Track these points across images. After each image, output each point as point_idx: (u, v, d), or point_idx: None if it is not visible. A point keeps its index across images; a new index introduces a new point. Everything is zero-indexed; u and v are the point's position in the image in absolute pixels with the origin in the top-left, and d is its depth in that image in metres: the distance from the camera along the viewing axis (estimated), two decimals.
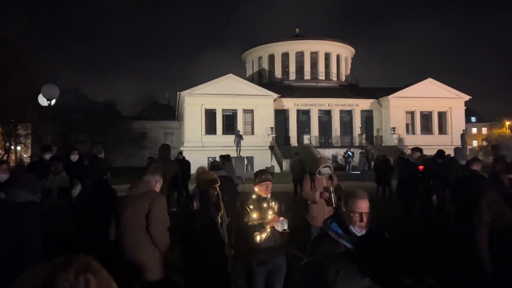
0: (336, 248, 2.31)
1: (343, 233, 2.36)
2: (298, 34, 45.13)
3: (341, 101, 37.45)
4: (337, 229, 2.37)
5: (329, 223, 2.43)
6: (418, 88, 36.31)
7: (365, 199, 2.41)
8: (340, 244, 2.32)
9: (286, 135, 36.30)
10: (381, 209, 9.81)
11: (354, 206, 2.36)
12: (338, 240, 2.33)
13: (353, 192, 2.45)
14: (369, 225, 2.38)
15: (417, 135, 35.87)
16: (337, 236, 2.34)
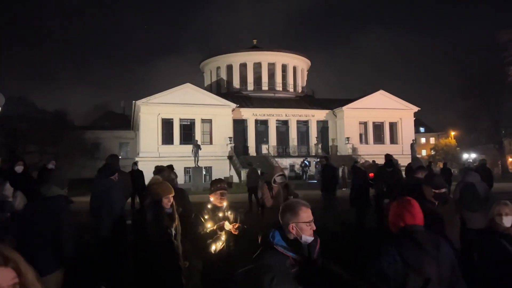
0: (285, 261, 2.29)
1: (288, 245, 2.35)
2: (256, 45, 45.78)
3: (298, 112, 38.23)
4: (282, 242, 2.35)
5: (272, 237, 2.38)
6: (370, 100, 37.82)
7: (309, 207, 2.46)
8: (288, 257, 2.31)
9: (245, 145, 36.45)
10: (337, 217, 10.09)
11: (306, 216, 2.39)
12: (286, 253, 2.31)
13: (300, 202, 2.47)
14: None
15: (370, 144, 37.25)
16: (284, 250, 2.33)
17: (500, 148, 45.09)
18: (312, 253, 2.43)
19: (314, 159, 31.51)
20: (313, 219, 2.42)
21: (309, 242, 2.40)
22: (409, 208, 2.54)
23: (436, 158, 50.63)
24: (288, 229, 2.37)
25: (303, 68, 46.48)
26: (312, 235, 2.40)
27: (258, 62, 42.88)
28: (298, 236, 2.36)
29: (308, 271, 2.35)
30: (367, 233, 8.63)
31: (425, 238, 2.45)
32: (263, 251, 2.37)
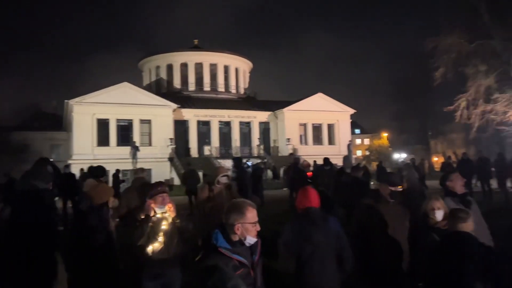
0: (229, 263, 2.25)
1: (232, 247, 2.32)
2: (197, 46, 45.21)
3: (240, 113, 38.33)
4: (225, 244, 2.32)
5: (215, 239, 2.34)
6: (310, 102, 38.93)
7: (256, 208, 2.45)
8: (232, 259, 2.28)
9: (187, 146, 35.80)
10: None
11: (252, 216, 2.37)
12: (230, 256, 2.28)
13: (246, 202, 2.45)
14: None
15: (309, 145, 38.32)
16: (228, 252, 2.29)
17: (427, 148, 48.67)
18: (255, 254, 2.42)
19: (257, 160, 31.74)
20: (258, 220, 2.40)
21: (252, 244, 2.39)
22: (306, 194, 3.36)
23: (370, 158, 53.40)
24: (233, 230, 2.33)
25: (245, 70, 46.73)
26: (256, 236, 2.39)
27: (200, 62, 42.38)
28: (242, 237, 2.33)
29: (251, 273, 2.35)
30: None
31: (317, 216, 3.25)
32: (206, 254, 2.31)
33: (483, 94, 24.07)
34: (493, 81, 23.72)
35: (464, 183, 4.26)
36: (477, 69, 24.15)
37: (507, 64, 23.13)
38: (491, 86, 23.87)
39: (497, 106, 23.44)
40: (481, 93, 24.05)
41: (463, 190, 4.16)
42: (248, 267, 2.34)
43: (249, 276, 2.33)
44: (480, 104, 24.13)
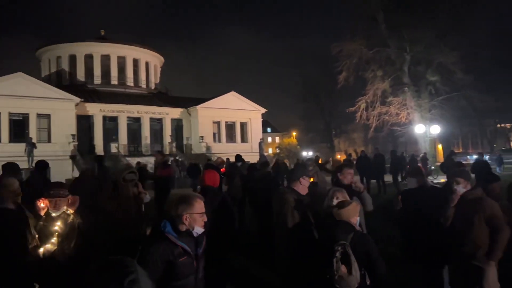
0: (174, 250, 2.41)
1: (179, 236, 2.46)
2: (104, 37, 42.47)
3: (151, 109, 36.98)
4: (172, 232, 2.46)
5: (163, 226, 2.48)
6: (223, 100, 39.07)
7: (203, 200, 2.62)
8: (178, 246, 2.42)
9: (91, 143, 33.45)
10: None
11: (199, 207, 2.53)
12: (176, 242, 2.42)
13: (195, 195, 2.64)
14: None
15: (222, 143, 38.46)
16: (175, 239, 2.43)
17: (331, 146, 52.07)
18: (199, 247, 2.55)
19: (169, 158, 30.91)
20: (205, 211, 2.56)
21: (199, 234, 2.53)
22: (206, 175, 4.58)
23: (280, 155, 55.47)
24: (182, 220, 2.47)
25: (156, 64, 45.22)
26: (203, 227, 2.53)
27: (107, 54, 39.88)
28: (190, 227, 2.48)
29: (194, 263, 2.50)
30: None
31: (212, 192, 4.30)
32: (153, 239, 2.50)
33: (379, 97, 26.42)
34: (388, 85, 26.16)
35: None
36: (375, 74, 26.43)
37: (400, 71, 25.67)
38: (387, 90, 26.30)
39: (391, 108, 25.92)
40: (378, 96, 26.38)
41: (349, 183, 4.52)
42: (192, 257, 2.48)
43: (192, 266, 2.48)
44: (377, 106, 26.45)
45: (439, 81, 25.01)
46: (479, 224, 3.64)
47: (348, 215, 3.16)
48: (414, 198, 4.28)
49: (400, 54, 25.38)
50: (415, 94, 25.49)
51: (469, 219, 3.67)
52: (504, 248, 3.58)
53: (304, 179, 3.88)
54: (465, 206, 3.75)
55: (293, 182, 3.87)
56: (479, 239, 3.64)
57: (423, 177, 4.49)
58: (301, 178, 3.86)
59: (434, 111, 25.49)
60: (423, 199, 4.19)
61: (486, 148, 44.81)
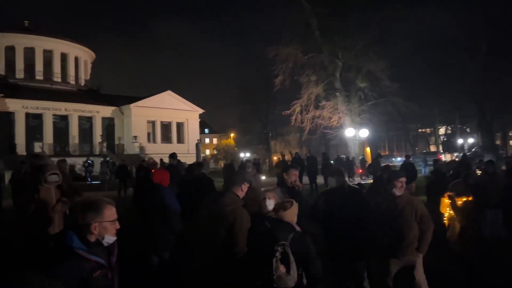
0: (86, 265, 2.12)
1: (89, 247, 2.17)
2: (28, 28, 39.34)
3: (80, 107, 34.99)
4: (81, 245, 2.16)
5: (70, 240, 2.15)
6: (158, 99, 38.08)
7: (114, 205, 2.33)
8: (90, 261, 2.14)
9: (11, 143, 30.84)
10: None
11: (110, 214, 2.26)
12: (88, 257, 2.14)
13: (104, 200, 2.30)
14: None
15: (157, 143, 37.45)
16: (86, 253, 2.14)
17: (268, 148, 52.95)
18: (112, 255, 2.31)
19: (99, 158, 29.43)
20: (117, 218, 2.30)
21: (110, 244, 2.28)
22: (158, 175, 5.26)
23: (218, 156, 55.30)
24: (90, 229, 2.18)
25: (87, 60, 42.87)
26: (115, 235, 2.29)
27: (31, 47, 36.99)
28: (100, 236, 2.22)
29: (109, 274, 2.27)
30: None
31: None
32: (59, 257, 2.10)
33: (313, 101, 27.31)
34: (321, 90, 27.15)
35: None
36: (309, 78, 27.29)
37: (332, 76, 26.79)
38: (320, 95, 27.28)
39: (324, 112, 26.92)
40: (312, 100, 27.26)
41: (292, 184, 4.66)
42: (107, 268, 2.24)
43: (107, 278, 2.24)
44: (311, 110, 27.31)
45: (368, 87, 26.45)
46: (414, 222, 4.08)
47: (291, 216, 3.22)
48: (334, 197, 4.48)
49: (333, 61, 26.47)
50: (346, 99, 26.73)
51: (406, 217, 4.07)
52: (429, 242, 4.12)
53: (245, 185, 3.89)
54: (402, 205, 4.12)
55: (235, 187, 3.85)
56: (414, 235, 4.07)
57: (342, 178, 4.70)
58: (243, 185, 3.86)
59: (363, 115, 26.90)
60: (342, 199, 4.40)
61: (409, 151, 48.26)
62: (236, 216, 3.57)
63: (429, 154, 48.38)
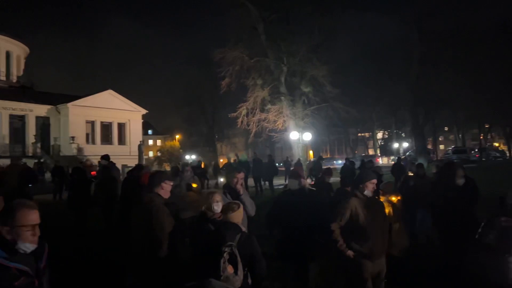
0: (6, 273, 1.99)
1: (10, 254, 2.03)
2: None
3: (11, 105, 32.57)
4: (0, 252, 2.02)
5: None
6: (99, 98, 36.47)
7: (35, 209, 2.14)
8: (10, 268, 2.00)
9: None
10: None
11: (26, 219, 2.08)
12: (7, 265, 2.00)
13: (22, 203, 2.13)
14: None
15: (97, 145, 35.82)
16: (5, 260, 2.00)
17: (214, 151, 52.68)
18: (40, 261, 2.16)
19: (32, 160, 27.53)
20: (37, 223, 2.11)
21: (34, 250, 2.11)
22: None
23: (162, 159, 54.05)
24: (2, 234, 2.06)
25: (20, 55, 40.06)
26: (34, 242, 2.10)
27: None
28: (14, 242, 2.06)
29: (35, 282, 2.12)
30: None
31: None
32: None
33: (259, 104, 27.56)
34: (267, 94, 27.49)
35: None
36: (255, 82, 27.51)
37: (278, 81, 27.25)
38: (266, 98, 27.60)
39: (269, 116, 27.28)
40: (258, 103, 27.50)
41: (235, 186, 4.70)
42: (32, 276, 2.09)
43: (32, 285, 2.10)
44: (257, 113, 27.53)
45: (311, 92, 27.18)
46: (386, 223, 4.18)
47: (238, 217, 3.30)
48: (294, 199, 4.60)
49: (278, 65, 26.91)
50: (291, 103, 27.29)
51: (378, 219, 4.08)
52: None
53: (166, 183, 3.90)
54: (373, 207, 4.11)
55: (155, 187, 3.84)
56: (386, 237, 4.13)
57: (303, 180, 4.84)
58: (163, 183, 3.87)
59: (307, 119, 27.60)
60: (302, 200, 4.51)
61: (350, 154, 50.42)
62: (152, 216, 3.59)
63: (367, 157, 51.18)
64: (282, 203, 4.82)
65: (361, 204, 3.98)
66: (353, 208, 3.96)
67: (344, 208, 3.99)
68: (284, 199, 4.80)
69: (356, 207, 3.96)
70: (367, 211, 3.96)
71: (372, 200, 4.09)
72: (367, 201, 4.03)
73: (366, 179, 4.04)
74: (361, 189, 4.04)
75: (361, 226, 3.93)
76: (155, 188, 3.85)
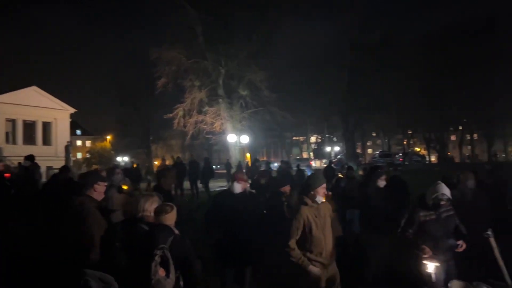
0: None
1: None
2: None
3: None
4: None
5: None
6: (21, 95, 33.74)
7: None
8: None
9: None
10: None
11: None
12: None
13: None
14: None
15: (18, 145, 33.10)
16: None
17: (148, 152, 51.12)
18: None
19: None
20: None
21: None
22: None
23: (91, 160, 51.34)
24: None
25: None
26: None
27: None
28: None
29: None
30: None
31: None
32: None
33: (196, 106, 27.37)
34: (205, 95, 27.38)
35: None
36: (193, 83, 27.29)
37: (216, 83, 27.25)
38: (203, 100, 27.47)
39: (207, 118, 27.19)
40: (195, 105, 27.29)
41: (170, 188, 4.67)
42: None
43: None
44: (194, 115, 27.30)
45: (249, 95, 27.57)
46: (335, 228, 4.13)
47: (171, 220, 3.27)
48: (235, 201, 4.59)
49: (216, 68, 26.94)
50: (228, 106, 27.44)
51: (329, 225, 4.01)
52: None
53: (99, 185, 3.82)
54: (324, 212, 4.03)
55: (87, 189, 3.71)
56: (334, 242, 4.02)
57: (246, 182, 4.85)
58: (96, 184, 3.79)
59: (244, 122, 27.93)
60: (243, 202, 4.53)
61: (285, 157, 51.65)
62: (83, 220, 3.51)
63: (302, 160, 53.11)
64: (221, 203, 4.78)
65: (312, 212, 3.88)
66: (305, 218, 3.83)
67: (297, 221, 3.83)
68: (225, 200, 4.73)
69: (308, 216, 3.84)
70: (319, 218, 3.87)
71: (322, 205, 3.97)
72: (318, 207, 3.92)
73: (316, 185, 3.90)
74: (311, 196, 3.90)
75: (314, 235, 3.83)
76: (86, 190, 3.69)
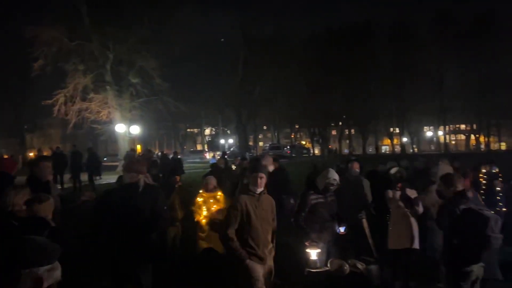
0: None
1: None
2: None
3: None
4: None
5: None
6: None
7: None
8: None
9: None
10: None
11: None
12: None
13: None
14: None
15: None
16: None
17: (22, 143, 45.55)
18: None
19: None
20: None
21: None
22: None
23: None
24: None
25: None
26: None
27: None
28: None
29: None
30: None
31: None
32: None
33: (80, 92, 25.22)
34: (90, 81, 25.36)
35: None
36: (76, 67, 25.05)
37: (103, 68, 25.38)
38: (88, 86, 25.41)
39: (92, 105, 25.26)
40: (79, 91, 25.12)
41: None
42: None
43: None
44: (77, 102, 25.12)
45: (140, 83, 26.33)
46: (274, 221, 3.92)
47: (47, 211, 3.09)
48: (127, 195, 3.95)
49: (103, 52, 25.13)
50: (117, 93, 25.88)
51: (270, 217, 3.84)
52: None
53: None
54: (265, 203, 3.85)
55: None
56: (273, 236, 3.88)
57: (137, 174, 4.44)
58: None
59: (135, 111, 26.66)
60: (137, 196, 3.98)
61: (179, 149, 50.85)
62: None
63: (196, 152, 53.06)
64: (108, 201, 4.12)
65: (251, 201, 3.67)
66: (243, 206, 3.63)
67: (235, 209, 3.63)
68: (112, 196, 4.10)
69: (247, 204, 3.64)
70: (257, 209, 3.67)
71: (261, 196, 3.74)
72: (257, 197, 3.71)
73: (255, 172, 3.71)
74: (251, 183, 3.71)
75: (252, 226, 3.62)
76: None
